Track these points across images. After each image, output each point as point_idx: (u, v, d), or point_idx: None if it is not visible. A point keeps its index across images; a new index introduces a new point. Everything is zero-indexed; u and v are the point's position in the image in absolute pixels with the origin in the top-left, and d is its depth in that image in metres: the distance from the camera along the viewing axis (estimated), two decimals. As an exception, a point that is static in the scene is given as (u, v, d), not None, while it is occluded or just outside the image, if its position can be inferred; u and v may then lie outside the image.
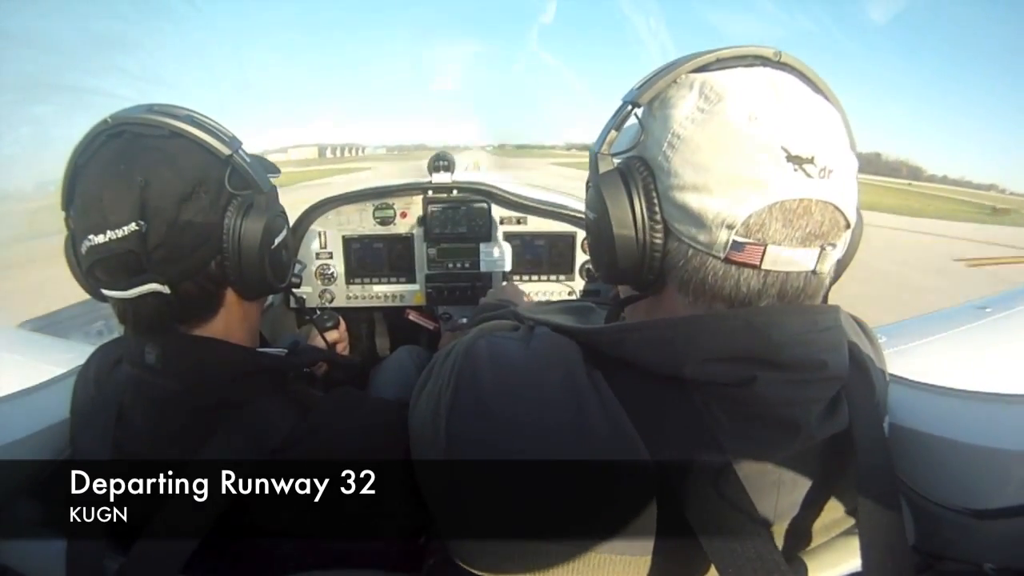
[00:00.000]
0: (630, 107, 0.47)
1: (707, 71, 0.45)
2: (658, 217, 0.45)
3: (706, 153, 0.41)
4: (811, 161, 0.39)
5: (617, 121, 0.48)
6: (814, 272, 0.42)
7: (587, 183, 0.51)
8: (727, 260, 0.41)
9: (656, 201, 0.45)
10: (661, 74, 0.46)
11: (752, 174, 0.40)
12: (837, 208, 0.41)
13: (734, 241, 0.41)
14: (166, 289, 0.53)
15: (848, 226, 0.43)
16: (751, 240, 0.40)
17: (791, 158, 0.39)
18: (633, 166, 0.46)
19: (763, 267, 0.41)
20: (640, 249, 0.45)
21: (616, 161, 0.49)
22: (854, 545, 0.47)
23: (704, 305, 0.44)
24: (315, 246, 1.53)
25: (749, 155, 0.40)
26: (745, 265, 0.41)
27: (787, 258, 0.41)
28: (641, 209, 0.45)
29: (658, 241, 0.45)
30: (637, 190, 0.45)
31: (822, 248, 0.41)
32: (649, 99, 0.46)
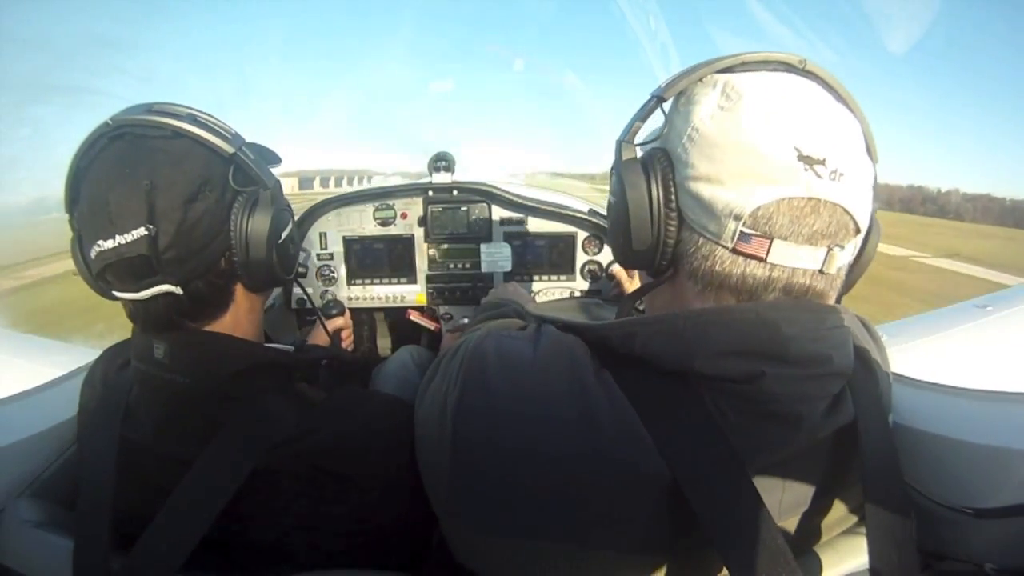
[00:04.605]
0: (656, 100, 0.49)
1: (732, 72, 0.46)
2: (673, 205, 0.47)
3: (721, 147, 0.43)
4: (822, 162, 0.41)
5: (643, 113, 0.50)
6: (821, 272, 0.43)
7: (611, 169, 0.52)
8: (735, 251, 0.43)
9: (673, 190, 0.46)
10: (689, 72, 0.48)
11: (762, 169, 0.41)
12: (846, 211, 0.42)
13: (741, 232, 0.42)
14: (178, 290, 0.53)
15: (858, 231, 0.44)
16: (758, 232, 0.42)
17: (802, 157, 0.41)
18: (655, 156, 0.48)
19: (769, 260, 0.42)
20: (654, 234, 0.47)
21: (640, 151, 0.51)
22: (862, 542, 0.47)
23: (712, 294, 0.46)
24: (316, 247, 1.53)
25: (761, 151, 0.42)
26: (751, 257, 0.43)
27: (792, 254, 0.42)
28: (658, 196, 0.47)
29: (672, 228, 0.47)
30: (656, 178, 0.47)
31: (829, 248, 0.42)
32: (675, 94, 0.49)
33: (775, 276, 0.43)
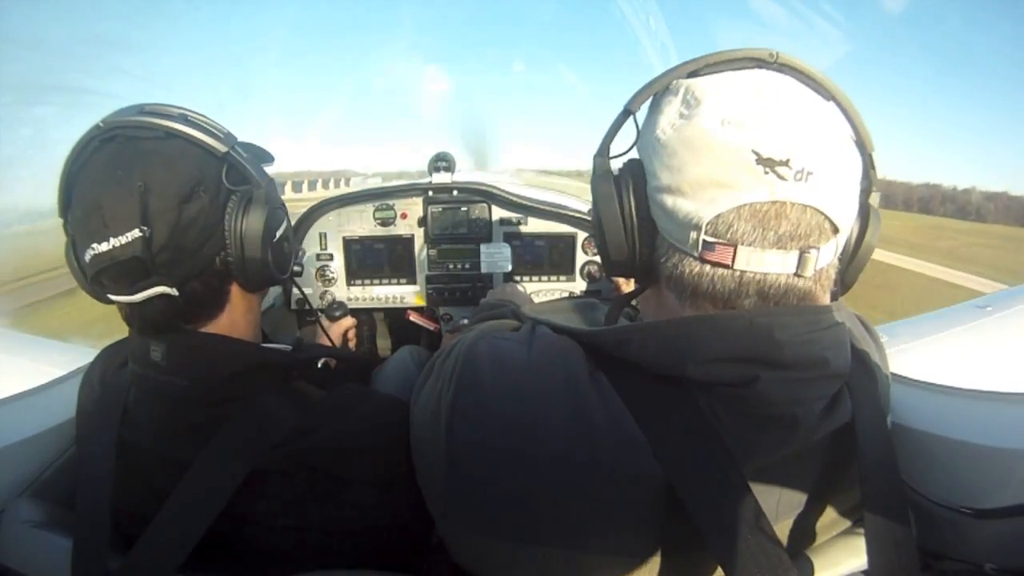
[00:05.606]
0: (626, 113, 0.49)
1: (698, 76, 0.46)
2: (645, 216, 0.47)
3: (680, 157, 0.43)
4: (785, 163, 0.39)
5: (615, 127, 0.50)
6: (798, 275, 0.42)
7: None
8: (701, 259, 0.43)
9: (644, 200, 0.47)
10: (656, 81, 0.47)
11: (720, 177, 0.41)
12: (819, 211, 0.41)
13: (704, 241, 0.42)
14: (173, 291, 0.53)
15: (836, 230, 0.42)
16: (720, 240, 0.41)
17: (762, 161, 0.39)
18: (629, 167, 0.49)
19: (736, 267, 0.41)
20: (629, 244, 0.48)
21: (621, 161, 0.51)
22: (860, 543, 0.47)
23: (688, 300, 0.45)
24: (315, 247, 1.53)
25: (718, 158, 0.41)
26: (718, 265, 0.42)
27: (759, 259, 0.41)
28: (629, 207, 0.47)
29: (646, 237, 0.47)
30: (627, 190, 0.47)
31: (802, 251, 0.41)
32: (642, 104, 0.49)
33: (746, 281, 0.42)
